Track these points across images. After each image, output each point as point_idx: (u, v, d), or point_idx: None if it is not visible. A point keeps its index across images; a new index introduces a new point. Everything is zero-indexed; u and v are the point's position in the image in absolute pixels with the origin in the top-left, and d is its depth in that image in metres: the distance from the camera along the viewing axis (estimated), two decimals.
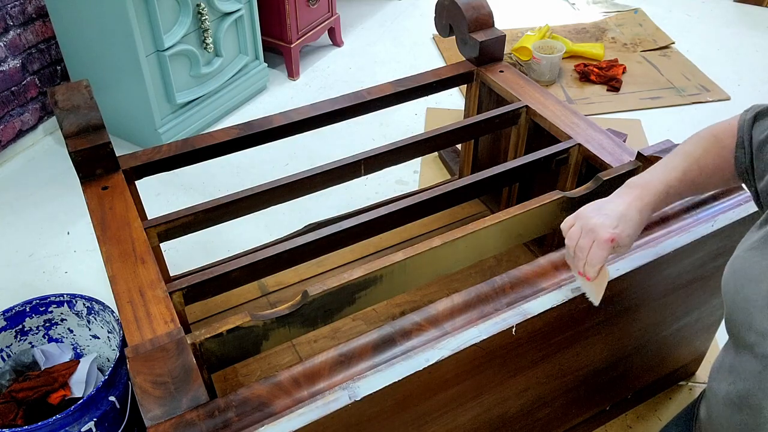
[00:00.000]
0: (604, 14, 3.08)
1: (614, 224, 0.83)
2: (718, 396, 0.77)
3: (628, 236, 0.83)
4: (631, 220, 0.84)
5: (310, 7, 2.53)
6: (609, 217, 0.84)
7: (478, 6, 1.57)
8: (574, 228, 0.87)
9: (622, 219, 0.83)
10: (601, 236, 0.82)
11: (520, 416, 1.15)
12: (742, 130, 0.85)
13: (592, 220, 0.84)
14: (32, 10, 2.11)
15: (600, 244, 0.83)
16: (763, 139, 0.80)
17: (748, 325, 0.71)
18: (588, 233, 0.84)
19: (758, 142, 0.81)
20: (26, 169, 2.15)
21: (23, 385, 1.32)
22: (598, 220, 0.84)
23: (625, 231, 0.83)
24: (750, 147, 0.83)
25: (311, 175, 1.30)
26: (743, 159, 0.84)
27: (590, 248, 0.83)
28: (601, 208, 0.86)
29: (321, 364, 0.88)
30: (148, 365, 0.87)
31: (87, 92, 1.27)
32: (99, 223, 1.15)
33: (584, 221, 0.85)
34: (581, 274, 0.87)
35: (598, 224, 0.83)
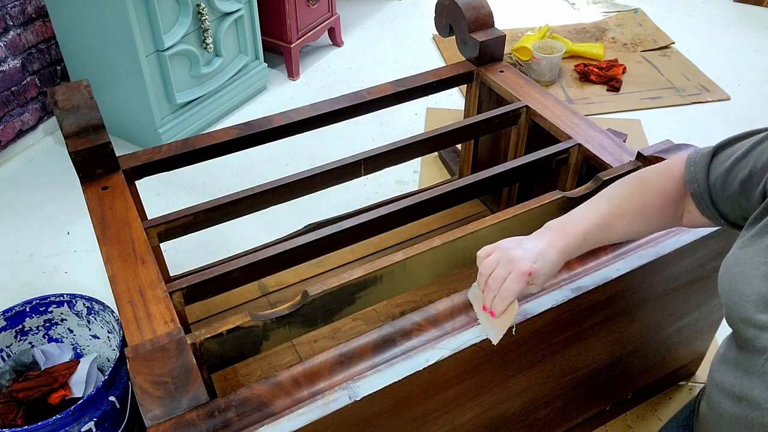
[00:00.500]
0: (604, 14, 3.09)
1: (533, 259, 0.82)
2: (719, 388, 0.77)
3: (545, 274, 0.82)
4: (549, 259, 0.83)
5: (310, 7, 2.53)
6: (529, 251, 0.82)
7: (478, 6, 1.58)
8: (491, 257, 0.84)
9: (541, 256, 0.82)
10: (519, 267, 0.81)
11: (520, 416, 1.15)
12: (693, 164, 0.85)
13: (512, 251, 0.83)
14: (32, 10, 2.11)
15: (516, 276, 0.81)
16: (728, 166, 0.80)
17: (744, 320, 0.71)
18: (506, 263, 0.82)
19: (722, 171, 0.81)
20: (26, 169, 2.15)
21: (23, 385, 1.32)
22: (518, 252, 0.82)
23: (542, 268, 0.82)
24: (706, 179, 0.83)
25: (311, 175, 1.30)
26: (698, 190, 0.84)
27: (505, 279, 0.81)
28: (521, 242, 0.85)
29: (321, 364, 0.88)
30: (148, 365, 0.87)
31: (87, 92, 1.27)
32: (99, 223, 1.15)
33: (503, 252, 0.83)
34: (486, 309, 0.85)
35: (517, 256, 0.82)
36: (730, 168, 0.80)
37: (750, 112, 2.39)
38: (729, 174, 0.80)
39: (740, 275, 0.73)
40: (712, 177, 0.83)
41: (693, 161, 0.85)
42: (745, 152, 0.78)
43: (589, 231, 0.86)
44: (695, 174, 0.84)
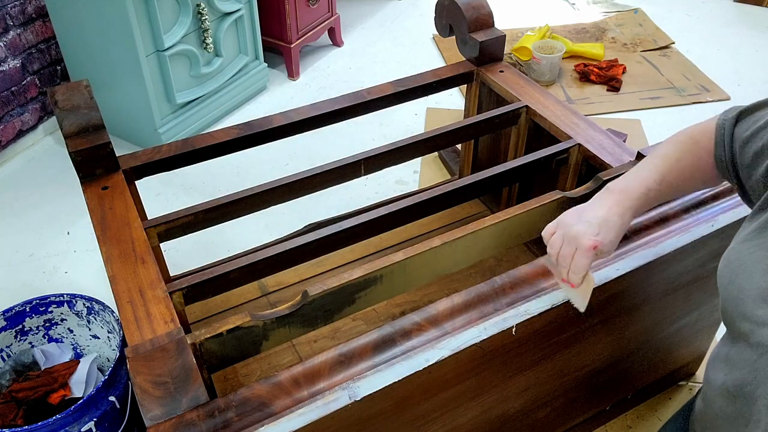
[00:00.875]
0: (604, 14, 3.09)
1: (596, 231, 0.82)
2: (713, 386, 0.78)
3: (610, 242, 0.83)
4: (612, 225, 0.83)
5: (310, 7, 2.53)
6: (590, 224, 0.83)
7: (478, 6, 1.58)
8: (555, 236, 0.86)
9: (603, 225, 0.83)
10: (583, 244, 0.82)
11: (520, 416, 1.15)
12: (722, 128, 0.85)
13: (574, 227, 0.83)
14: (32, 10, 2.11)
15: (583, 252, 0.82)
16: (747, 136, 0.81)
17: (741, 314, 0.71)
18: (570, 241, 0.83)
19: (742, 139, 0.82)
20: (26, 169, 2.15)
21: (23, 385, 1.32)
22: (580, 228, 0.83)
23: (606, 237, 0.82)
24: (731, 145, 0.84)
25: (311, 175, 1.30)
26: (723, 157, 0.85)
27: (573, 256, 0.83)
28: (581, 214, 0.85)
29: (321, 364, 0.88)
30: (148, 365, 0.87)
31: (87, 92, 1.27)
32: (99, 223, 1.15)
33: (566, 229, 0.84)
34: (565, 281, 0.87)
35: (580, 232, 0.82)
36: (749, 137, 0.80)
37: None
38: (747, 143, 0.81)
39: (741, 269, 0.73)
40: (736, 144, 0.83)
41: (720, 124, 0.86)
42: (763, 125, 0.79)
43: (651, 188, 0.86)
44: (721, 138, 0.85)
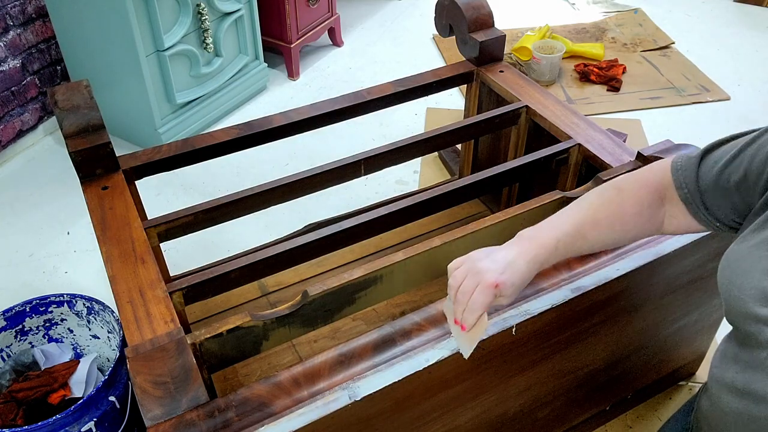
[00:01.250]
0: (604, 14, 3.09)
1: (501, 270, 0.80)
2: (721, 384, 0.77)
3: (513, 285, 0.81)
4: (518, 270, 0.81)
5: (310, 7, 2.53)
6: (497, 262, 0.81)
7: (478, 6, 1.58)
8: (459, 270, 0.83)
9: (509, 267, 0.81)
10: (486, 279, 0.79)
11: (520, 416, 1.15)
12: (678, 168, 0.85)
13: (480, 263, 0.81)
14: (32, 10, 2.11)
15: (483, 289, 0.79)
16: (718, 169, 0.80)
17: (744, 314, 0.71)
18: (473, 275, 0.81)
19: (713, 174, 0.81)
20: (26, 169, 2.15)
21: (23, 385, 1.32)
22: (486, 265, 0.81)
23: (510, 279, 0.80)
24: (696, 182, 0.83)
25: (311, 175, 1.30)
26: (687, 192, 0.84)
27: (473, 292, 0.80)
28: (490, 254, 0.83)
29: (321, 364, 0.88)
30: (148, 365, 0.87)
31: (87, 92, 1.27)
32: (99, 223, 1.15)
33: (471, 264, 0.82)
34: (457, 323, 0.83)
35: (484, 268, 0.80)
36: (720, 171, 0.80)
37: (750, 112, 2.39)
38: (720, 177, 0.80)
39: (740, 269, 0.73)
40: (703, 182, 0.82)
41: (679, 166, 0.85)
42: (736, 154, 0.78)
43: (560, 240, 0.84)
44: (684, 179, 0.84)
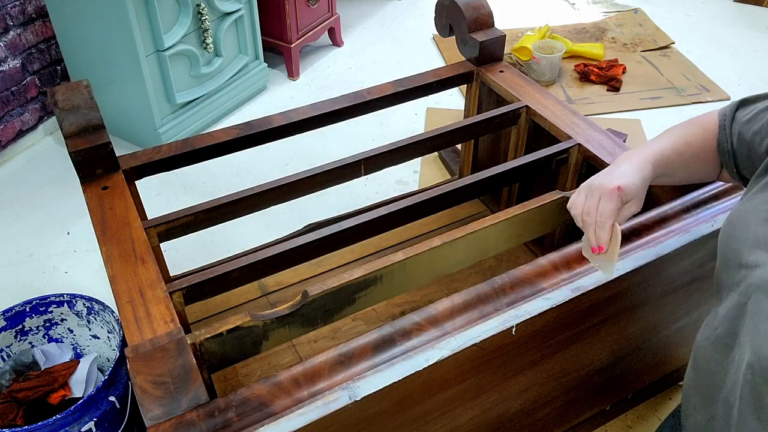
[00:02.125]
0: (604, 14, 3.09)
1: (618, 176, 0.82)
2: (700, 344, 0.79)
3: (634, 184, 0.82)
4: (635, 171, 0.83)
5: (310, 7, 2.53)
6: (610, 174, 0.83)
7: (478, 6, 1.58)
8: (578, 195, 0.86)
9: (624, 172, 0.83)
10: (606, 187, 0.81)
11: (520, 416, 1.15)
12: (724, 114, 0.88)
13: (594, 180, 0.84)
14: (32, 10, 2.11)
15: (607, 196, 0.81)
16: (749, 118, 0.83)
17: (737, 264, 0.72)
18: (593, 192, 0.83)
19: (742, 122, 0.84)
20: (26, 169, 2.15)
21: (23, 385, 1.32)
22: (600, 179, 0.84)
23: (630, 179, 0.82)
24: (730, 128, 0.86)
25: (311, 175, 1.30)
26: (725, 143, 0.87)
27: (598, 205, 0.82)
28: (599, 174, 0.86)
29: (321, 364, 0.88)
30: (148, 365, 0.87)
31: (87, 92, 1.27)
32: (99, 223, 1.15)
33: (586, 186, 0.85)
34: (594, 250, 0.85)
35: (601, 180, 0.83)
36: (748, 120, 0.82)
37: None
38: (747, 126, 0.82)
39: (740, 223, 0.74)
40: (735, 130, 0.85)
41: (723, 113, 0.89)
42: (759, 112, 0.81)
43: (664, 152, 0.87)
44: (723, 122, 0.87)
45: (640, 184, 0.83)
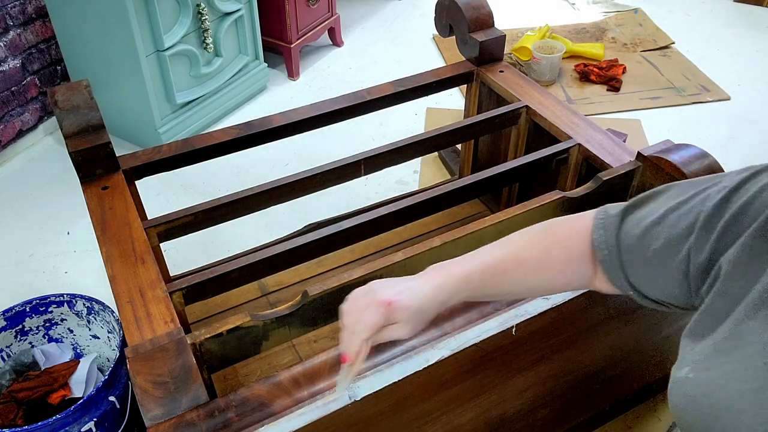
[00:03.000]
0: (604, 14, 3.09)
1: (399, 291, 0.71)
2: None
3: (410, 307, 0.70)
4: (420, 292, 0.71)
5: (310, 7, 2.53)
6: (396, 285, 0.72)
7: (478, 6, 1.58)
8: (356, 291, 0.74)
9: (409, 289, 0.71)
10: (378, 297, 0.70)
11: (520, 416, 1.15)
12: (605, 229, 0.73)
13: (378, 283, 0.73)
14: (32, 10, 2.11)
15: (374, 307, 0.69)
16: (639, 234, 0.69)
17: None
18: (368, 294, 0.71)
19: (634, 239, 0.70)
20: (26, 169, 2.15)
21: (23, 385, 1.32)
22: (383, 284, 0.72)
23: (407, 300, 0.70)
24: (617, 249, 0.72)
25: (311, 175, 1.30)
26: (609, 259, 0.73)
27: (363, 312, 0.70)
28: (391, 280, 0.74)
29: (321, 364, 0.88)
30: (148, 365, 0.87)
31: (87, 92, 1.27)
32: (99, 223, 1.15)
33: (368, 287, 0.73)
34: (344, 359, 0.71)
35: (381, 287, 0.72)
36: (642, 235, 0.69)
37: (750, 112, 2.39)
38: (642, 242, 0.69)
39: (721, 410, 0.56)
40: (624, 244, 0.71)
41: (602, 223, 0.74)
42: (660, 218, 0.68)
43: (476, 271, 0.74)
44: (605, 238, 0.73)
45: (418, 308, 0.71)
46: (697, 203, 0.65)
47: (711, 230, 0.62)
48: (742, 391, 0.55)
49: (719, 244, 0.62)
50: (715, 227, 0.62)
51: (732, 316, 0.60)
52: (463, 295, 0.75)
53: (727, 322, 0.60)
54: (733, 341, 0.58)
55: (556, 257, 0.76)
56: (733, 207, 0.61)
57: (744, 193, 0.62)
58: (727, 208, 0.62)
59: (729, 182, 0.64)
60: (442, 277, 0.74)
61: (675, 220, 0.66)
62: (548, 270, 0.76)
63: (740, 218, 0.61)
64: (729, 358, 0.58)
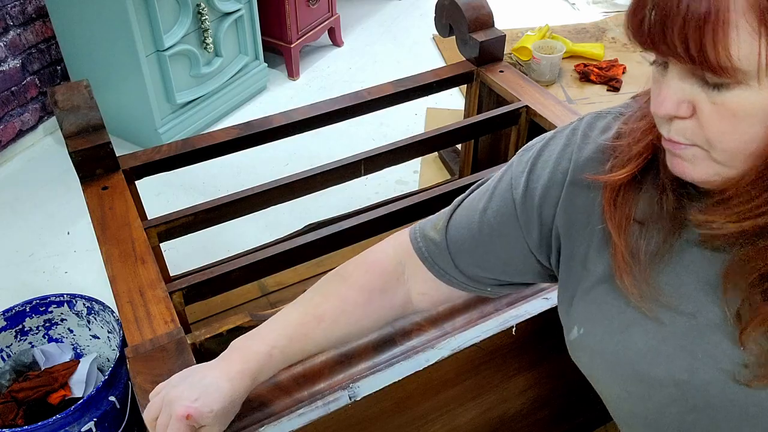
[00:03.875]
0: (604, 14, 3.09)
1: (194, 397, 0.69)
2: None
3: (211, 411, 0.69)
4: (216, 391, 0.70)
5: (310, 7, 2.53)
6: (192, 387, 0.70)
7: (478, 6, 1.58)
8: (155, 400, 0.73)
9: (205, 390, 0.70)
10: (175, 411, 0.68)
11: (520, 416, 1.15)
12: (421, 232, 0.74)
13: (174, 390, 0.71)
14: (32, 10, 2.11)
15: (174, 423, 0.68)
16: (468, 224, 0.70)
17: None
18: (166, 407, 0.70)
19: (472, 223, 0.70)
20: (26, 169, 2.15)
21: (23, 385, 1.32)
22: (178, 392, 0.70)
23: (207, 405, 0.69)
24: (446, 242, 0.72)
25: (311, 175, 1.30)
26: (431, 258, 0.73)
27: (166, 427, 0.69)
28: (188, 376, 0.73)
29: (321, 364, 0.88)
30: (148, 365, 0.87)
31: (87, 92, 1.27)
32: (99, 223, 1.15)
33: (167, 391, 0.72)
34: None
35: (176, 397, 0.70)
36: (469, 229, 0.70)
37: None
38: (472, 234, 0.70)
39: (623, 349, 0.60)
40: (453, 239, 0.71)
41: (417, 230, 0.75)
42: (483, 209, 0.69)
43: (276, 345, 0.73)
44: (424, 240, 0.74)
45: (221, 407, 0.70)
46: (503, 192, 0.68)
47: (531, 218, 0.66)
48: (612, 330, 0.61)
49: (542, 217, 0.65)
50: (532, 214, 0.65)
51: (584, 267, 0.64)
52: (270, 370, 0.74)
53: (584, 275, 0.64)
54: (597, 288, 0.62)
55: (354, 302, 0.74)
56: (538, 189, 0.65)
57: (540, 170, 0.65)
58: (533, 192, 0.65)
59: (523, 166, 0.67)
60: (239, 363, 0.72)
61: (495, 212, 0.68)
62: (350, 317, 0.75)
63: (552, 181, 0.64)
64: (598, 303, 0.62)
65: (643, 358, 0.59)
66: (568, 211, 0.63)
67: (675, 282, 0.57)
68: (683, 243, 0.57)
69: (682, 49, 0.45)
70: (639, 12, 0.47)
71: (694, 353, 0.56)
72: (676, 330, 0.57)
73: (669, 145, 0.52)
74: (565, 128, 0.67)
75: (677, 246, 0.57)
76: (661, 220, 0.58)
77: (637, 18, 0.47)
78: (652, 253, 0.58)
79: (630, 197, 0.59)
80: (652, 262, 0.58)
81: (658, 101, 0.50)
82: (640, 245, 0.58)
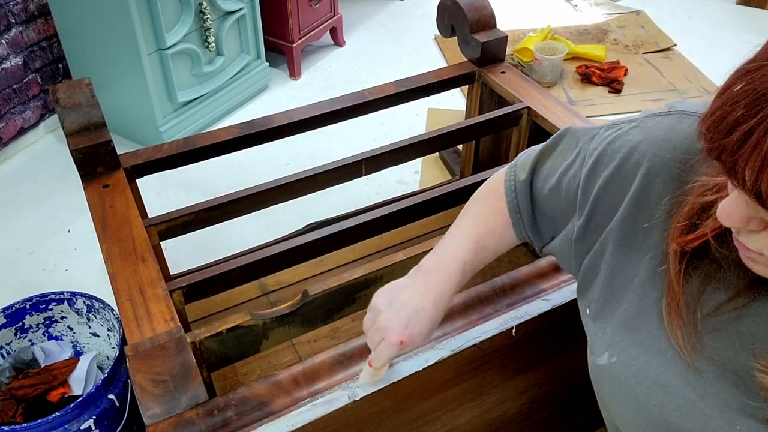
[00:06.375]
0: (606, 16, 3.08)
1: (404, 324, 0.74)
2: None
3: (420, 334, 0.75)
4: (424, 315, 0.75)
5: (313, 6, 2.53)
6: (399, 314, 0.75)
7: (480, 7, 1.57)
8: (367, 316, 0.78)
9: (414, 316, 0.75)
10: (389, 338, 0.74)
11: (520, 417, 1.15)
12: (513, 190, 0.79)
13: (382, 315, 0.75)
14: (34, 8, 2.11)
15: (387, 345, 0.75)
16: (544, 196, 0.75)
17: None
18: (377, 331, 0.76)
19: (546, 192, 0.75)
20: (27, 166, 2.15)
21: (23, 382, 1.32)
22: (387, 317, 0.75)
23: (416, 329, 0.75)
24: (531, 205, 0.77)
25: (312, 174, 1.31)
26: (521, 225, 0.79)
27: (379, 344, 0.76)
28: (393, 300, 0.76)
29: (321, 364, 0.88)
30: (147, 363, 0.87)
31: (88, 90, 1.27)
32: (99, 221, 1.15)
33: (375, 315, 0.77)
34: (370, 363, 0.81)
35: (387, 322, 0.75)
36: (545, 201, 0.75)
37: None
38: (545, 206, 0.75)
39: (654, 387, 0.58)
40: (531, 208, 0.77)
41: (512, 186, 0.79)
42: (557, 183, 0.73)
43: (465, 260, 0.78)
44: (517, 202, 0.79)
45: (428, 330, 0.76)
46: (576, 169, 0.70)
47: (584, 205, 0.67)
48: (659, 365, 0.57)
49: (594, 218, 0.66)
50: (586, 202, 0.66)
51: (630, 290, 0.61)
52: (462, 285, 0.79)
53: (630, 299, 0.61)
54: (640, 318, 0.60)
55: (505, 216, 0.80)
56: (600, 179, 0.65)
57: (609, 161, 0.64)
58: (594, 180, 0.65)
59: (599, 143, 0.67)
60: (439, 284, 0.76)
61: (566, 185, 0.71)
62: (510, 229, 0.80)
63: (609, 189, 0.64)
64: (639, 335, 0.59)
65: (677, 409, 0.56)
66: (626, 221, 0.61)
67: (727, 344, 0.54)
68: (746, 310, 0.53)
69: (750, 184, 0.41)
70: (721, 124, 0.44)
71: (731, 421, 0.53)
72: (720, 389, 0.54)
73: (739, 246, 0.49)
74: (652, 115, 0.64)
75: (739, 311, 0.54)
76: (727, 281, 0.54)
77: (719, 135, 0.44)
78: (710, 312, 0.55)
79: (702, 247, 0.55)
80: (706, 319, 0.55)
81: (726, 213, 0.46)
82: (698, 300, 0.55)
